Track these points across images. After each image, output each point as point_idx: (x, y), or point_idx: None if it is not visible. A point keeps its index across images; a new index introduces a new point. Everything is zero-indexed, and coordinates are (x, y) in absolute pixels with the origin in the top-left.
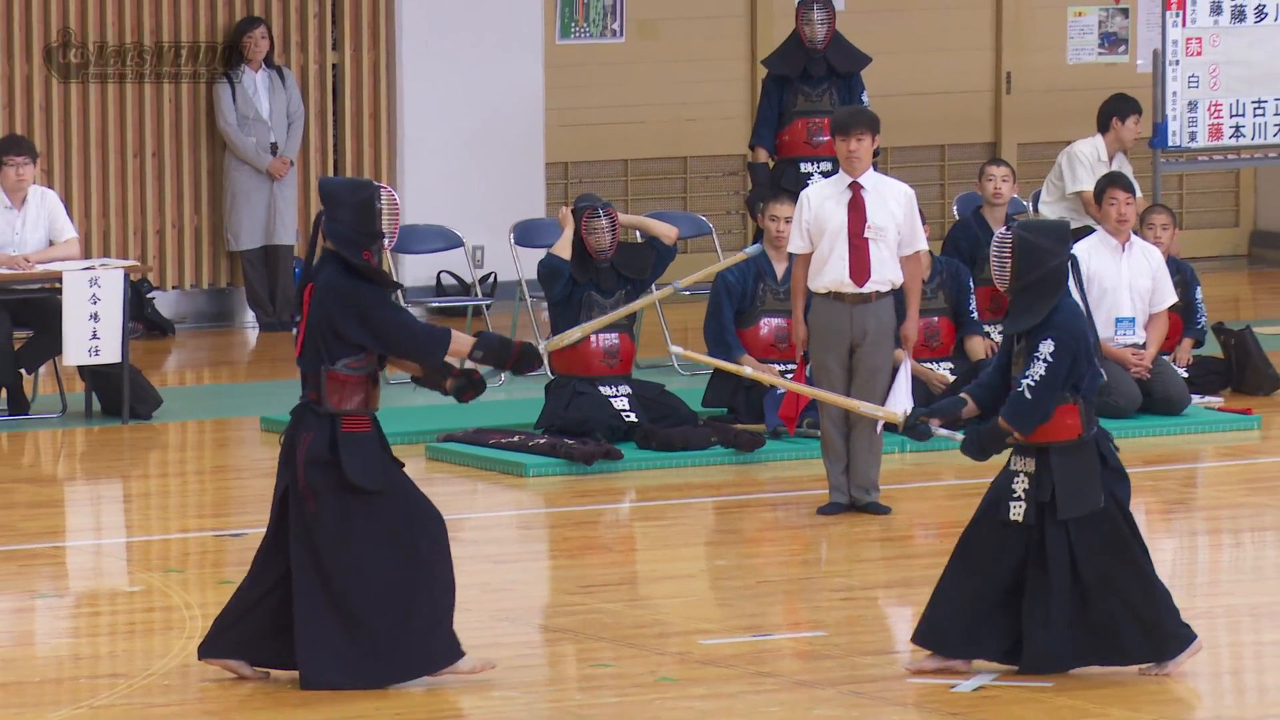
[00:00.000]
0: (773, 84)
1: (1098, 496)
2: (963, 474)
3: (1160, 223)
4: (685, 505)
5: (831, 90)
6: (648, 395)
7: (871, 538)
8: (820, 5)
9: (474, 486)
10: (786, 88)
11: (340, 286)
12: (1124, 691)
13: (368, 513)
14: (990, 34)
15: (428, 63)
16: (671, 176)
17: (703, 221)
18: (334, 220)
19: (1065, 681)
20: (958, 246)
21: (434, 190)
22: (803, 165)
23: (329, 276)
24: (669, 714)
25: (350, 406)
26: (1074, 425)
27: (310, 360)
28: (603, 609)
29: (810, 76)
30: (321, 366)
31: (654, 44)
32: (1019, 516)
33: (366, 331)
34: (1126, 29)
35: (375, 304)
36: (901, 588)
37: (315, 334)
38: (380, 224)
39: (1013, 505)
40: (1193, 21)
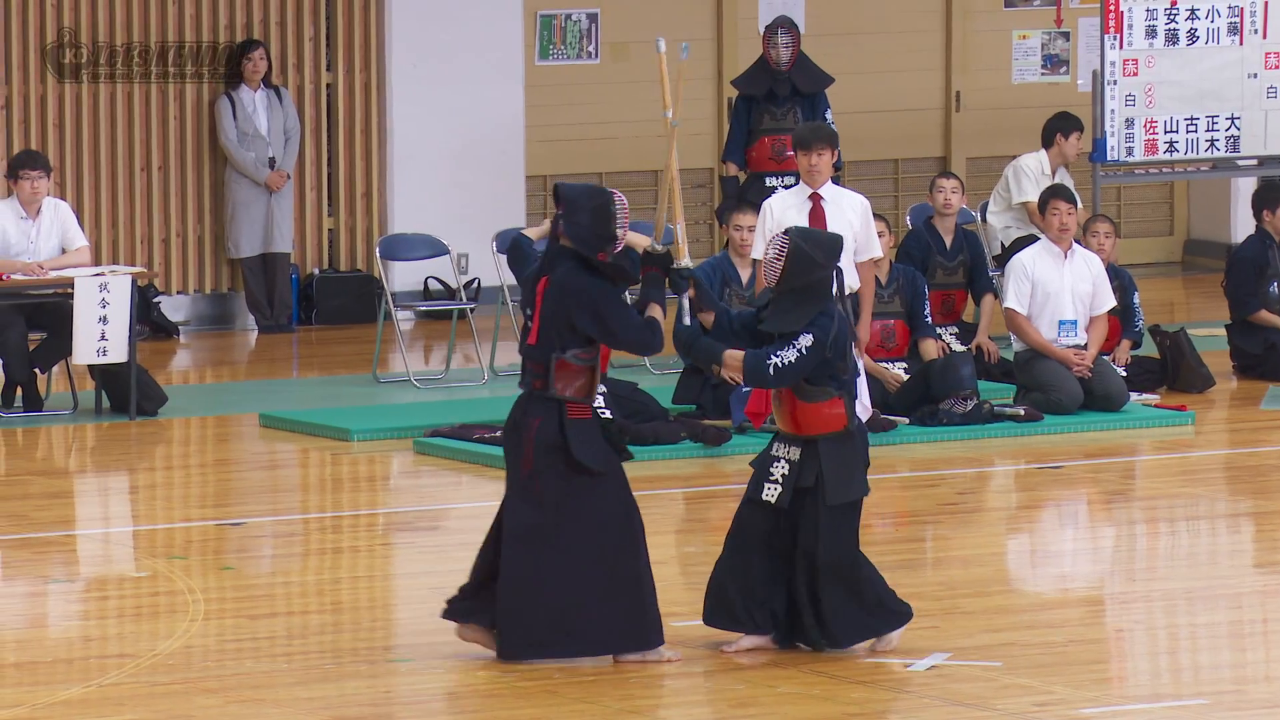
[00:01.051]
0: (741, 104)
1: (864, 484)
2: (916, 466)
3: (1103, 231)
4: (656, 496)
5: (796, 109)
6: (621, 393)
7: None
8: (785, 29)
9: (459, 479)
10: (754, 107)
11: (578, 283)
12: (1067, 670)
13: (589, 493)
14: (940, 56)
15: (416, 83)
16: (644, 189)
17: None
18: (573, 222)
19: (1013, 661)
20: (910, 255)
21: (421, 201)
22: (769, 180)
23: (566, 272)
24: (642, 691)
25: (573, 394)
26: (841, 416)
27: (542, 349)
28: None
29: (776, 96)
30: (552, 355)
31: (627, 65)
32: (771, 498)
33: (599, 326)
34: (1068, 51)
35: (609, 301)
36: None
37: (549, 325)
38: (615, 227)
39: (768, 486)
40: (1130, 44)
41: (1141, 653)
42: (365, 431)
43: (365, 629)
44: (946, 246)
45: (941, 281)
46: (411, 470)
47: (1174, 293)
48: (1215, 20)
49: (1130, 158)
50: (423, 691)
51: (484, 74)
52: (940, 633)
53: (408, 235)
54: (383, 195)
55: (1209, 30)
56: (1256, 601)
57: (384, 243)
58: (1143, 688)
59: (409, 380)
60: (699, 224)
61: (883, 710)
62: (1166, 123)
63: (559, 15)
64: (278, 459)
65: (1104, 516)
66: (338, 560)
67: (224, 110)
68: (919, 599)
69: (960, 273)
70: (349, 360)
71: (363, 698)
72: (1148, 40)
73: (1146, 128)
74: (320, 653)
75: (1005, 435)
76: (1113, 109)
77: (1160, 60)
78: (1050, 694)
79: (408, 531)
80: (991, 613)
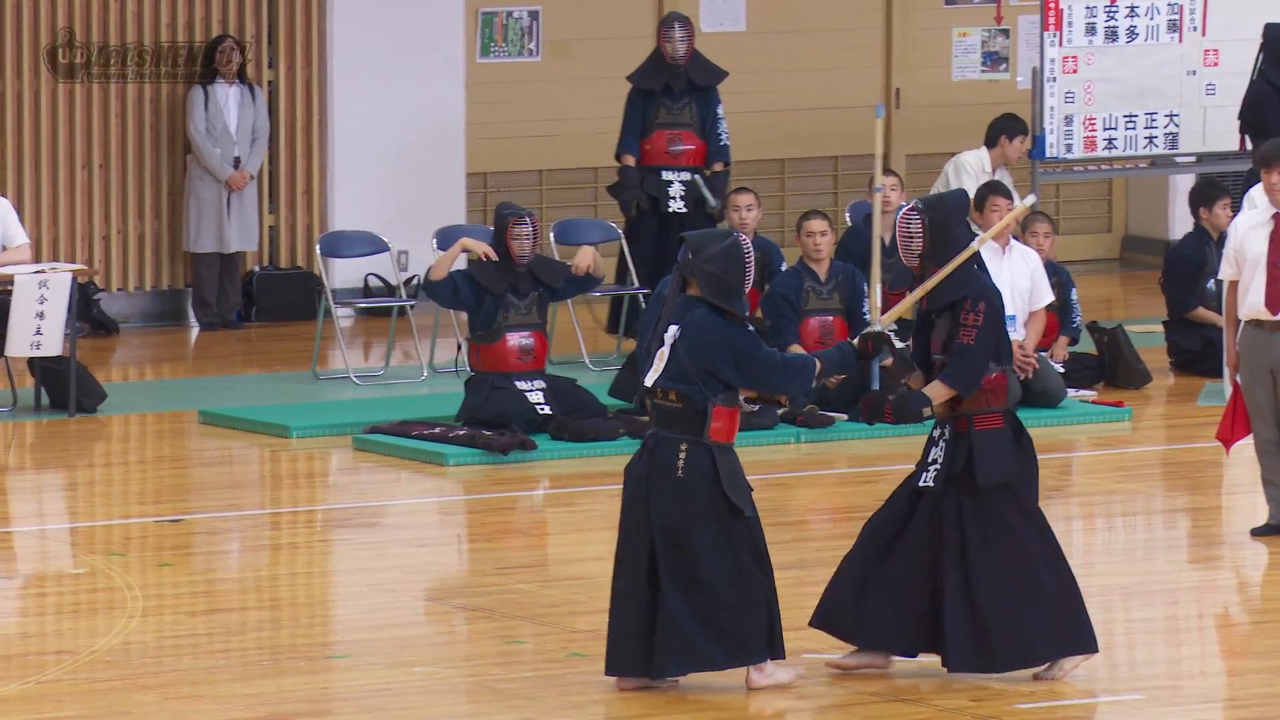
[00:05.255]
0: (636, 97)
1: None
2: (855, 463)
3: (1042, 230)
4: (595, 492)
5: (691, 104)
6: (561, 390)
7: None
8: (681, 24)
9: (398, 475)
10: (650, 101)
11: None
12: None
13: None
14: (880, 53)
15: (357, 81)
16: (583, 186)
17: (612, 228)
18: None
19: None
20: (850, 252)
21: (362, 199)
22: (664, 174)
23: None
24: (579, 688)
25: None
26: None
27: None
28: (518, 589)
29: (672, 91)
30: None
31: (567, 63)
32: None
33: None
34: (1007, 48)
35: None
36: (797, 569)
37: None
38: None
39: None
40: (1069, 41)
41: None
42: (304, 428)
43: (304, 625)
44: (886, 244)
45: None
46: (350, 467)
47: (1112, 289)
48: (1155, 17)
49: (1069, 155)
50: (360, 688)
51: (425, 72)
52: None
53: (348, 232)
54: (323, 192)
55: (1148, 27)
56: (1192, 597)
57: (324, 240)
58: (1079, 683)
59: (348, 377)
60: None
61: (820, 706)
62: (1105, 120)
63: (500, 13)
64: (217, 456)
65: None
66: (276, 557)
67: (195, 101)
68: None
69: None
70: (289, 357)
71: (301, 694)
72: (1087, 37)
73: (1085, 125)
74: (259, 649)
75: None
76: (1052, 106)
77: (1100, 57)
78: (987, 689)
79: (346, 528)
80: None
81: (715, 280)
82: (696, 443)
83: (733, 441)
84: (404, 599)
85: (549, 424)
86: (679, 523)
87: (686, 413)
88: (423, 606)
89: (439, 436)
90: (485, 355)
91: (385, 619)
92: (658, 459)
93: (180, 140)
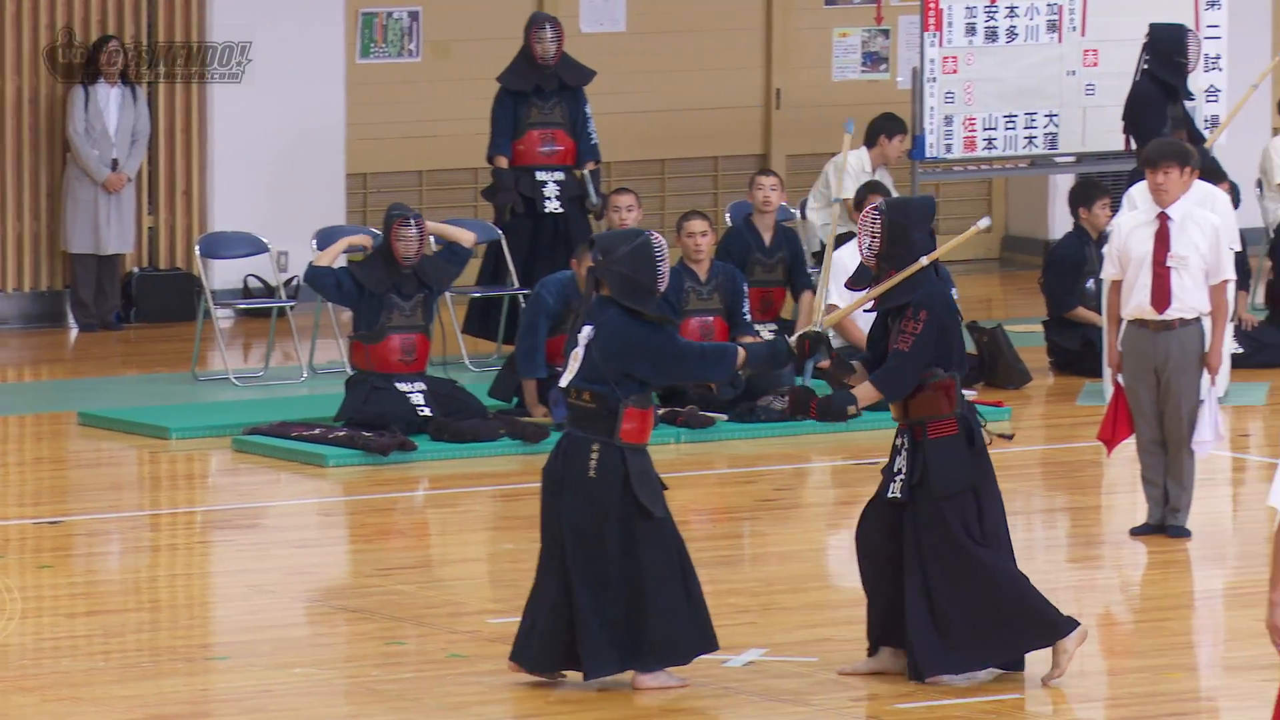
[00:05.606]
0: (507, 97)
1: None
2: (734, 463)
3: None
4: (475, 493)
5: (562, 104)
6: (441, 390)
7: None
8: (552, 24)
9: (277, 476)
10: (521, 101)
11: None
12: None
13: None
14: (761, 54)
15: (236, 81)
16: (463, 187)
17: (491, 228)
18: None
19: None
20: (729, 252)
21: (242, 200)
22: (538, 174)
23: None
24: (460, 688)
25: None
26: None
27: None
28: (399, 590)
29: (543, 91)
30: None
31: (447, 63)
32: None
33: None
34: (888, 48)
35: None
36: None
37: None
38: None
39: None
40: (949, 41)
41: None
42: (184, 429)
43: (183, 627)
44: (766, 244)
45: (760, 279)
46: (230, 468)
47: (991, 289)
48: (1034, 18)
49: (949, 155)
50: (240, 689)
51: (305, 72)
52: (757, 629)
53: (227, 233)
54: (203, 193)
55: (1028, 28)
56: (1071, 596)
57: (204, 241)
58: (959, 682)
59: (228, 378)
60: None
61: (700, 707)
62: (985, 120)
63: (380, 13)
64: (96, 457)
65: None
66: (156, 558)
67: (75, 102)
68: (736, 595)
69: (779, 270)
70: (168, 358)
71: (180, 695)
72: (967, 38)
73: (965, 125)
74: (138, 651)
75: (823, 431)
76: (932, 106)
77: (979, 57)
78: (866, 689)
79: (226, 529)
80: (809, 608)
81: (625, 280)
82: (608, 444)
83: (645, 442)
84: (284, 600)
85: (429, 425)
86: (589, 523)
87: (599, 413)
88: (303, 608)
89: (319, 437)
90: (367, 355)
91: (265, 620)
92: (570, 459)
93: (60, 140)
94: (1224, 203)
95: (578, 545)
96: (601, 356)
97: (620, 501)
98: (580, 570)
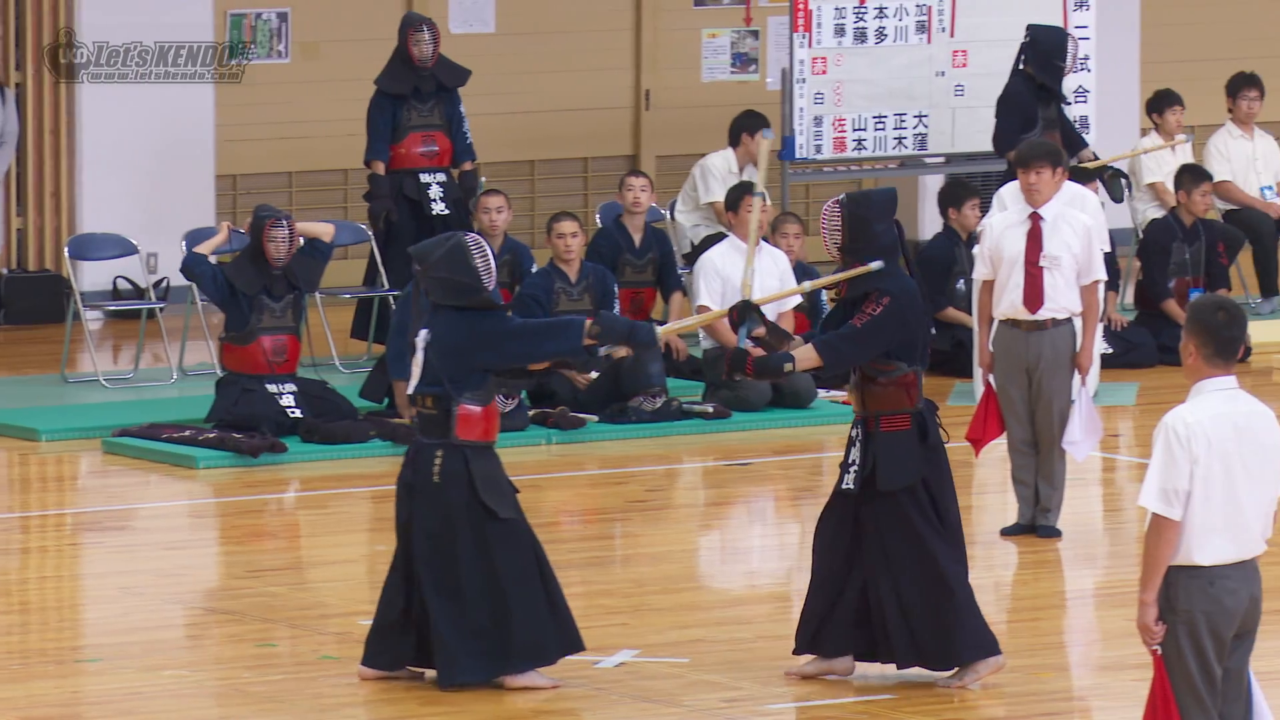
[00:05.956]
0: (385, 101)
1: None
2: (606, 464)
3: (792, 231)
4: (346, 495)
5: (440, 105)
6: (311, 392)
7: None
8: (429, 26)
9: (147, 478)
10: (399, 104)
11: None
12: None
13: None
14: (630, 55)
15: (106, 82)
16: (333, 188)
17: (362, 229)
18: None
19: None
20: (600, 253)
21: (112, 201)
22: (422, 176)
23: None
24: (330, 690)
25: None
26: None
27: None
28: (270, 592)
29: (421, 93)
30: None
31: (316, 64)
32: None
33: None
34: (757, 50)
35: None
36: None
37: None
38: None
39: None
40: (818, 42)
41: None
42: (53, 431)
43: (53, 629)
44: (636, 245)
45: (631, 279)
46: (100, 470)
47: None
48: (904, 19)
49: (819, 155)
50: (111, 691)
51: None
52: (629, 630)
53: (97, 235)
54: (72, 195)
55: (897, 29)
56: None
57: (73, 242)
58: (831, 683)
59: (98, 380)
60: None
61: (572, 708)
62: (855, 120)
63: (249, 14)
64: None
65: (792, 513)
66: (25, 560)
67: None
68: (608, 596)
69: (649, 270)
70: (38, 360)
71: (51, 698)
72: (836, 39)
73: (835, 125)
74: (8, 654)
75: (694, 432)
76: (801, 107)
77: (849, 58)
78: (739, 690)
79: (96, 531)
80: (680, 609)
81: (446, 284)
82: (451, 447)
83: (490, 442)
84: (155, 602)
85: (299, 426)
86: (438, 529)
87: (439, 417)
88: (174, 610)
89: (189, 439)
90: (237, 357)
91: (136, 622)
92: (417, 466)
93: None
94: (1093, 203)
95: (432, 553)
96: (440, 357)
97: (468, 505)
98: (434, 578)
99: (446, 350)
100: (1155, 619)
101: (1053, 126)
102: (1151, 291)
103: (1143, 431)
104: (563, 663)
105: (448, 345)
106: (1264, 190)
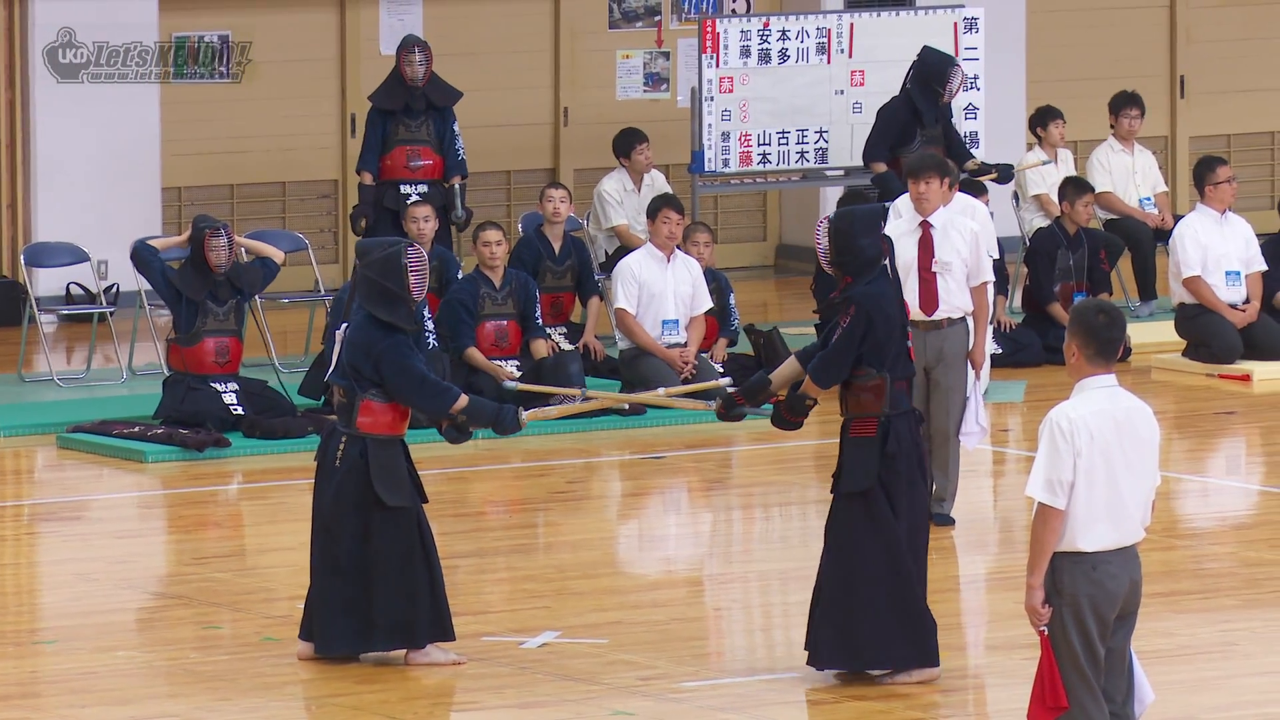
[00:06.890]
0: (377, 116)
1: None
2: (528, 457)
3: (702, 240)
4: (287, 486)
5: (429, 122)
6: (253, 390)
7: (447, 514)
8: (421, 48)
9: (100, 472)
10: (389, 119)
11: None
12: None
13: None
14: (550, 74)
15: (60, 99)
16: (272, 200)
17: (300, 238)
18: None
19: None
20: (522, 260)
21: (64, 211)
22: (403, 187)
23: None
24: (273, 670)
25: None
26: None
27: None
28: (215, 578)
29: (411, 110)
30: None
31: (257, 83)
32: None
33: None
34: (668, 69)
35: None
36: (476, 558)
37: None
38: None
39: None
40: (725, 63)
41: (739, 629)
42: (10, 428)
43: (12, 613)
44: (556, 252)
45: (551, 285)
46: (55, 464)
47: (767, 294)
48: (805, 41)
49: (726, 169)
50: (67, 671)
51: (123, 90)
52: (551, 612)
53: (51, 243)
54: (27, 205)
55: (799, 50)
56: None
57: (28, 250)
58: (739, 662)
59: (52, 379)
60: (323, 232)
61: (498, 685)
62: (760, 136)
63: (193, 37)
64: None
65: (704, 503)
66: None
67: None
68: (532, 581)
69: (569, 276)
70: None
71: (10, 678)
72: (742, 59)
73: (741, 141)
74: None
75: (611, 428)
76: (710, 123)
77: (754, 78)
78: (654, 669)
79: (52, 521)
80: (600, 593)
81: (372, 286)
82: (354, 436)
83: (395, 435)
84: (107, 588)
85: (241, 423)
86: (330, 510)
87: (347, 407)
88: (125, 594)
89: (138, 435)
90: (183, 357)
91: (90, 606)
92: (326, 451)
93: None
94: (983, 213)
95: (321, 530)
96: (348, 353)
97: (360, 491)
98: (320, 552)
99: (354, 348)
100: (1042, 602)
101: (935, 143)
102: (1038, 295)
103: (1030, 426)
104: (489, 643)
105: (355, 344)
106: (1143, 201)
